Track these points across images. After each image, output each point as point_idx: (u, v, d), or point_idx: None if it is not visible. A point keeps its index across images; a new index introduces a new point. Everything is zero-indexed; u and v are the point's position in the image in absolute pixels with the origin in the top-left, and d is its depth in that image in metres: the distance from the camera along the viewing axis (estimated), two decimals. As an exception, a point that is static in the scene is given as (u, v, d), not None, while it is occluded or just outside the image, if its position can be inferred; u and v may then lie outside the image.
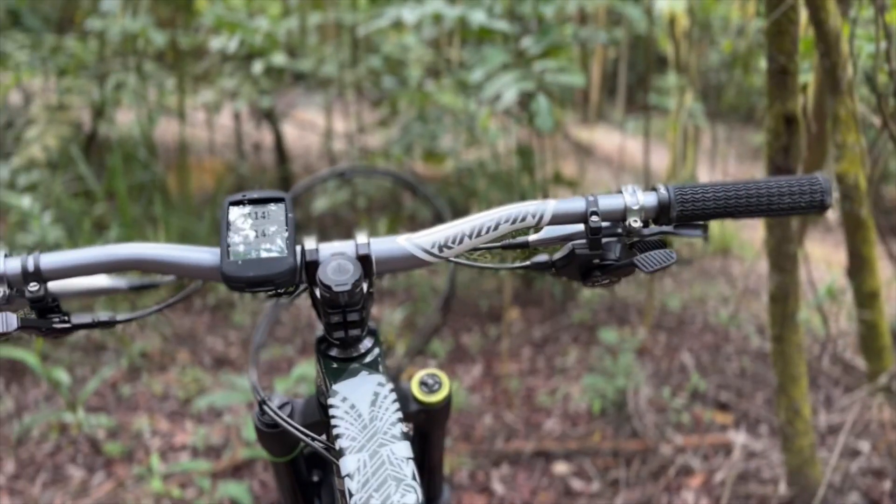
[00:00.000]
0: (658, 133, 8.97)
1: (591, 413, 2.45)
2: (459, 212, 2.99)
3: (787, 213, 0.68)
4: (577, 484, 2.14)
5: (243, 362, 2.92)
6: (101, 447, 2.30)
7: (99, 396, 2.62)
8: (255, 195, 0.67)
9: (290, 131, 6.27)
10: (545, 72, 2.10)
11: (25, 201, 3.46)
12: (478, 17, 2.21)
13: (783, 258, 1.80)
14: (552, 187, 4.31)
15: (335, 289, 0.62)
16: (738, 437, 2.30)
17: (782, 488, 2.02)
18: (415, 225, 4.80)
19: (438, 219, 0.82)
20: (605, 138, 10.86)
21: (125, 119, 5.03)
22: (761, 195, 0.67)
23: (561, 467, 2.20)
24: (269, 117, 5.43)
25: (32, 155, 3.92)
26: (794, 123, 1.67)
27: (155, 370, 2.82)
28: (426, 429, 0.86)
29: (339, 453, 0.62)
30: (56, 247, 3.53)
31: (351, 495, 0.60)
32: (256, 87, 4.42)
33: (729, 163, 7.93)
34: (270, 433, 0.77)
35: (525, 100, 2.46)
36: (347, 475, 0.61)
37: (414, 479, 0.61)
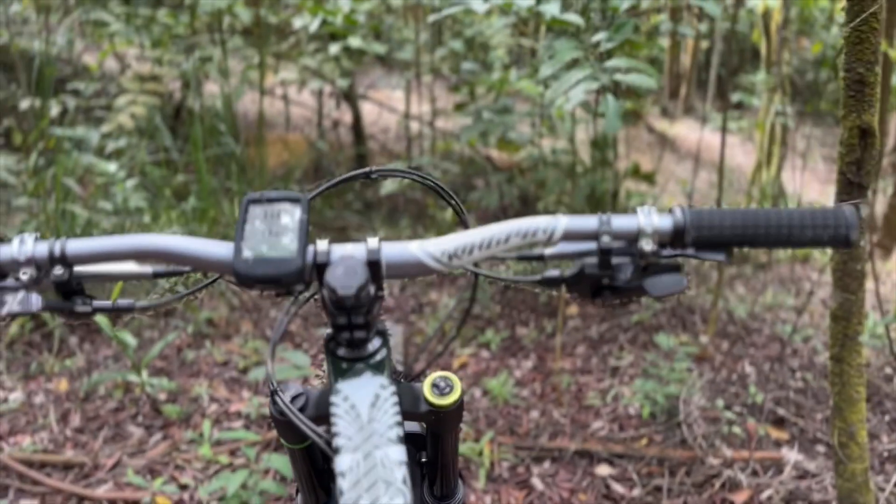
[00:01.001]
0: (747, 130, 8.67)
1: (640, 417, 2.41)
2: (529, 202, 2.99)
3: (809, 246, 0.65)
4: (618, 488, 2.12)
5: (303, 338, 3.00)
6: (161, 408, 2.41)
7: (163, 360, 2.74)
8: (273, 195, 0.69)
9: (369, 110, 6.35)
10: (615, 71, 2.06)
11: (112, 167, 3.63)
12: (551, 9, 2.18)
13: (849, 277, 1.72)
14: (628, 181, 4.24)
15: (340, 292, 0.64)
16: (792, 455, 2.23)
17: (832, 512, 1.95)
18: (483, 213, 4.80)
19: (462, 222, 0.82)
20: (690, 132, 10.57)
21: (211, 91, 5.20)
22: (782, 226, 0.65)
23: (603, 469, 2.18)
24: (348, 97, 5.51)
25: (121, 122, 4.11)
26: (869, 137, 1.59)
27: (219, 338, 2.93)
28: (437, 430, 0.87)
29: (336, 451, 0.64)
30: (137, 212, 3.70)
31: (342, 493, 0.62)
32: (337, 66, 4.50)
33: (818, 166, 7.59)
34: (283, 421, 0.79)
35: (601, 91, 2.43)
36: (340, 474, 0.63)
37: (404, 483, 0.63)
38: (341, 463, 0.63)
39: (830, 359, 1.82)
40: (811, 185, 7.82)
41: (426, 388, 0.83)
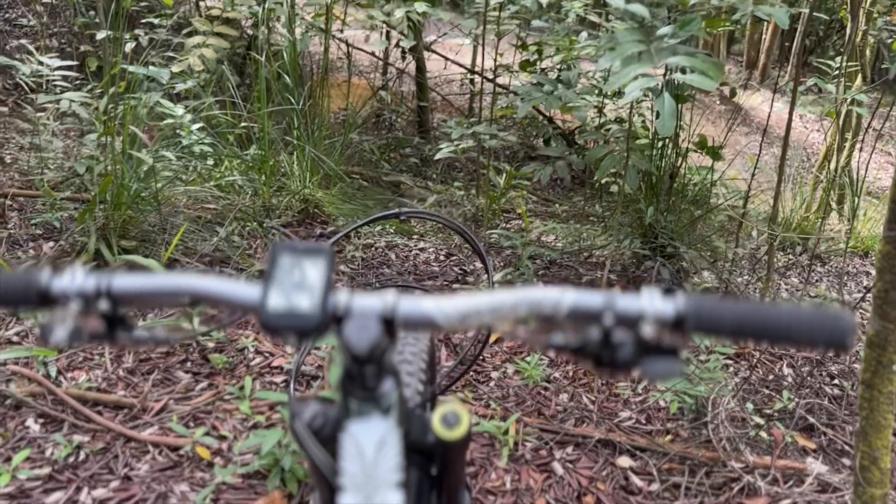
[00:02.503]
0: (826, 108, 8.33)
1: (668, 412, 2.44)
2: (581, 179, 2.99)
3: (805, 345, 0.67)
4: (637, 481, 2.17)
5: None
6: (208, 357, 2.54)
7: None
8: (301, 246, 0.74)
9: (435, 59, 6.31)
10: (675, 70, 2.02)
11: (179, 110, 3.74)
12: (616, 1, 2.15)
13: (889, 305, 1.70)
14: (692, 155, 4.16)
15: (354, 349, 0.69)
16: (816, 466, 2.24)
17: (848, 530, 1.97)
18: (535, 185, 4.78)
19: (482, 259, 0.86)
20: (765, 104, 10.22)
21: (280, 36, 5.24)
22: (780, 324, 0.67)
23: (625, 461, 2.23)
24: (414, 49, 5.49)
25: (191, 63, 4.20)
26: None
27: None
28: (445, 458, 0.93)
29: (340, 488, 0.70)
30: (202, 157, 3.81)
31: (341, 531, 0.68)
32: (404, 21, 4.47)
33: (892, 156, 7.28)
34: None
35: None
36: (341, 512, 0.69)
37: (398, 528, 0.68)
38: (343, 501, 0.69)
39: (861, 383, 1.81)
40: (886, 172, 7.52)
41: (436, 419, 0.88)
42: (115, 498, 1.90)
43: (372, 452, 0.72)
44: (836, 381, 2.76)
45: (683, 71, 2.12)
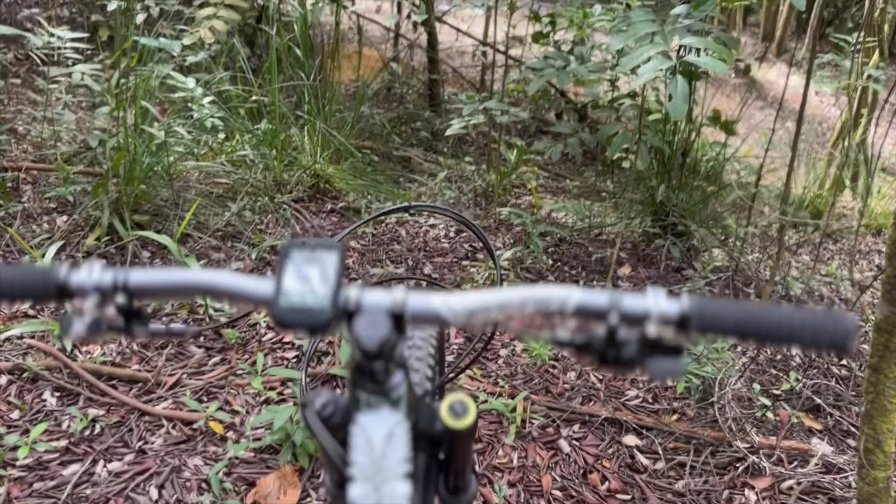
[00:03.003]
0: (842, 83, 8.22)
1: (674, 392, 2.46)
2: (593, 155, 2.98)
3: (806, 347, 0.68)
4: (642, 459, 2.20)
5: (358, 273, 3.11)
6: (221, 332, 2.57)
7: (227, 283, 2.89)
8: (313, 242, 0.75)
9: (447, 30, 6.26)
10: (689, 51, 2.01)
11: (190, 82, 3.74)
12: (630, -22, 2.13)
13: (899, 291, 1.70)
14: (707, 130, 4.13)
15: (364, 344, 0.70)
16: (821, 447, 2.26)
17: (851, 511, 1.99)
18: (546, 163, 4.76)
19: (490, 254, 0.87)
20: (780, 77, 10.07)
21: (290, 5, 5.20)
22: (782, 326, 0.68)
23: (631, 439, 2.26)
24: (425, 21, 5.44)
25: (202, 36, 4.18)
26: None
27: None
28: (452, 446, 0.95)
29: (349, 479, 0.72)
30: (213, 131, 3.82)
31: (350, 520, 0.71)
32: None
33: (909, 132, 7.20)
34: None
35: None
36: (352, 502, 0.71)
37: (406, 518, 0.70)
38: (353, 492, 0.71)
39: (868, 367, 1.82)
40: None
41: (443, 409, 0.90)
42: (130, 471, 1.94)
43: (381, 444, 0.74)
44: (844, 362, 2.77)
45: (697, 52, 2.11)
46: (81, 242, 2.94)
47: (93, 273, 0.74)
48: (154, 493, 1.88)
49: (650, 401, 2.45)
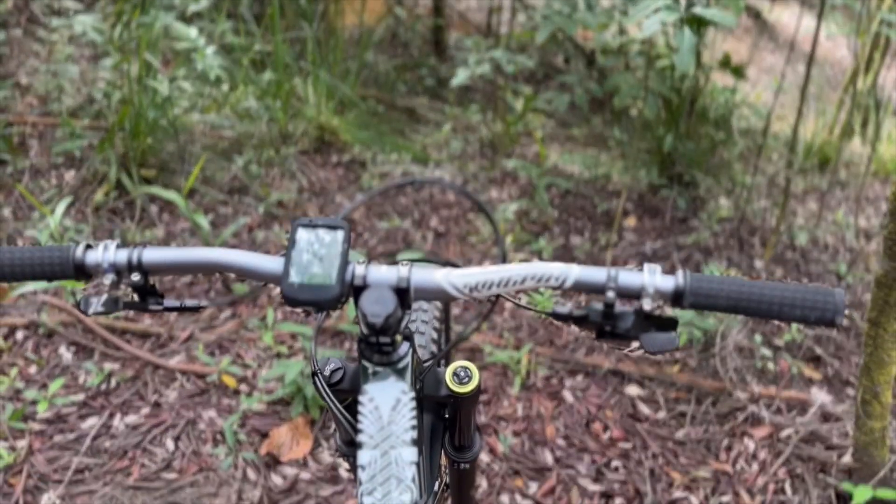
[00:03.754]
0: (854, 28, 8.06)
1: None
2: (600, 105, 2.96)
3: (796, 321, 0.71)
4: (644, 409, 2.25)
5: (364, 227, 3.13)
6: (231, 286, 2.61)
7: (235, 237, 2.93)
8: (319, 221, 0.77)
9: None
10: (696, 2, 1.98)
11: (193, 32, 3.70)
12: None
13: (900, 247, 1.72)
14: (716, 74, 4.08)
15: (370, 319, 0.73)
16: (820, 396, 2.30)
17: (846, 459, 2.04)
18: (552, 114, 4.71)
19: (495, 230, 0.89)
20: (794, 20, 9.86)
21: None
22: (773, 301, 0.70)
23: (633, 390, 2.31)
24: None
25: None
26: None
27: (287, 221, 3.09)
28: (456, 408, 0.99)
29: (359, 445, 0.76)
30: (217, 83, 3.80)
31: (361, 483, 0.74)
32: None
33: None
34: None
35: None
36: (361, 466, 0.75)
37: (413, 481, 0.74)
38: (362, 457, 0.75)
39: (868, 321, 1.85)
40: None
41: (448, 375, 0.93)
42: (147, 423, 2.01)
43: (388, 412, 0.78)
44: (846, 312, 2.80)
45: (706, 2, 2.08)
46: (90, 198, 2.96)
47: (108, 252, 0.77)
48: (170, 444, 1.94)
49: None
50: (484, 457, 2.02)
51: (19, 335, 2.29)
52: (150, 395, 2.11)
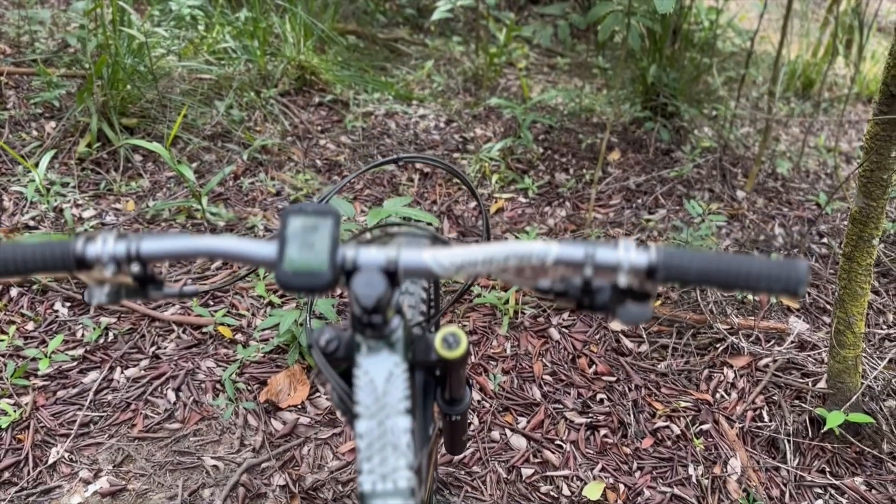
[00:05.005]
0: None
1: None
2: (584, 36, 2.94)
3: (762, 292, 0.75)
4: (627, 343, 2.33)
5: (351, 170, 3.14)
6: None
7: (220, 185, 2.93)
8: (309, 208, 0.80)
9: None
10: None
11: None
12: None
13: (873, 184, 1.77)
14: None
15: (361, 302, 0.77)
16: (797, 325, 2.39)
17: (821, 385, 2.14)
18: (535, 47, 4.65)
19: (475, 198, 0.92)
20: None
21: None
22: (741, 273, 0.74)
23: (616, 325, 2.38)
24: None
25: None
26: (919, 54, 1.56)
27: (272, 166, 3.09)
28: (446, 370, 1.04)
29: (356, 416, 0.81)
30: (192, 24, 3.73)
31: (359, 451, 0.80)
32: None
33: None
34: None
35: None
36: (359, 436, 0.80)
37: (408, 447, 0.80)
38: (359, 427, 0.80)
39: (842, 256, 1.91)
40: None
41: (437, 341, 0.98)
42: (147, 376, 2.07)
43: (382, 384, 0.83)
44: (824, 240, 2.87)
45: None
46: (73, 150, 2.95)
47: (107, 244, 0.80)
48: (171, 395, 2.01)
49: (637, 287, 2.56)
50: (475, 395, 2.10)
51: (13, 292, 2.32)
52: (149, 347, 2.16)
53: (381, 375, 0.83)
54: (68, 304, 2.30)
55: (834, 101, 4.89)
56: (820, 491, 1.90)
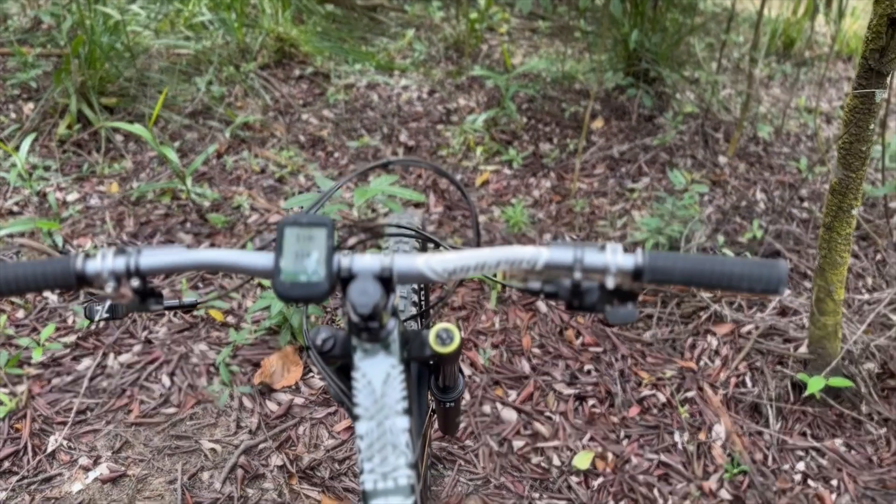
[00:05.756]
0: None
1: (643, 248, 2.60)
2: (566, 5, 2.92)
3: (744, 291, 0.78)
4: (614, 314, 2.37)
5: (334, 146, 3.13)
6: (206, 216, 2.64)
7: (204, 164, 2.92)
8: (304, 220, 0.82)
9: None
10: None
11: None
12: None
13: (852, 156, 1.79)
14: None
15: (359, 310, 0.79)
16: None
17: (802, 350, 2.20)
18: (517, 14, 4.61)
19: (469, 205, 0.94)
20: None
21: None
22: (723, 274, 0.77)
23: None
24: None
25: None
26: (897, 28, 1.58)
27: (255, 143, 3.08)
28: (440, 363, 1.07)
29: (356, 417, 0.84)
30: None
31: (360, 451, 0.83)
32: None
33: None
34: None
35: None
36: (359, 436, 0.83)
37: (407, 446, 0.83)
38: (360, 428, 0.83)
39: (823, 226, 1.95)
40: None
41: (431, 337, 1.01)
42: (141, 361, 2.08)
43: (380, 386, 0.85)
44: (805, 205, 2.91)
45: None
46: (53, 132, 2.92)
47: (107, 260, 0.81)
48: (166, 380, 2.03)
49: (622, 257, 2.59)
50: (465, 370, 2.14)
51: (2, 280, 2.32)
52: (140, 332, 2.18)
53: (379, 378, 0.86)
54: (58, 290, 2.30)
55: (815, 59, 4.90)
56: (802, 453, 1.97)
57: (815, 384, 2.03)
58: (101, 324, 2.20)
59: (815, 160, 3.18)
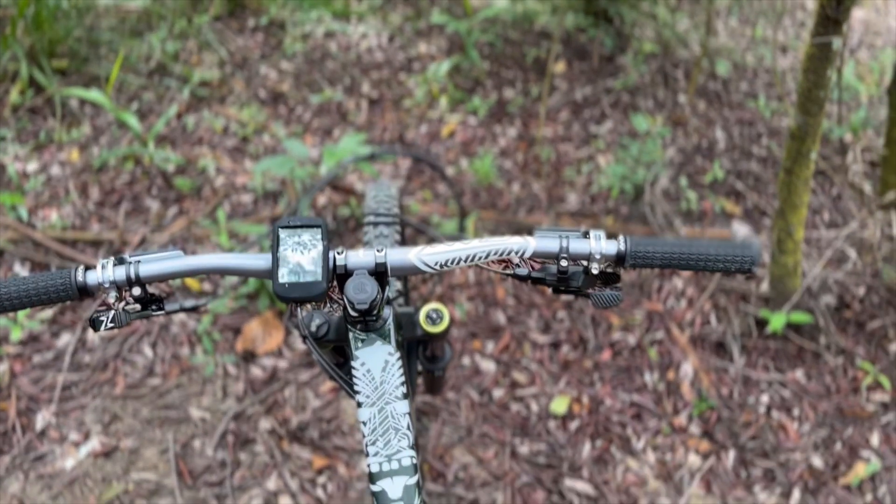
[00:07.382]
0: None
1: (609, 194, 2.65)
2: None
3: (720, 272, 0.84)
4: (584, 260, 2.43)
5: (296, 101, 3.09)
6: (171, 181, 2.61)
7: (165, 126, 2.87)
8: (298, 222, 0.84)
9: None
10: None
11: None
12: None
13: (811, 102, 1.85)
14: None
15: (357, 307, 0.83)
16: (741, 230, 2.52)
17: (764, 287, 2.29)
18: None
19: (453, 192, 0.97)
20: None
21: None
22: (700, 256, 0.82)
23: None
24: None
25: None
26: (854, -21, 1.61)
27: (215, 102, 3.02)
28: (430, 341, 1.12)
29: (358, 404, 0.88)
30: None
31: (364, 436, 0.87)
32: None
33: None
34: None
35: None
36: (362, 422, 0.87)
37: (408, 429, 0.87)
38: (362, 414, 0.88)
39: (782, 170, 2.02)
40: None
41: (422, 317, 1.05)
42: (121, 334, 2.10)
43: (379, 373, 0.89)
44: (763, 141, 2.97)
45: None
46: (5, 99, 2.83)
47: (107, 271, 0.82)
48: (149, 351, 2.05)
49: (588, 203, 2.65)
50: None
51: (-31, 258, 2.29)
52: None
53: (378, 366, 0.90)
54: (27, 264, 2.29)
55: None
56: (765, 386, 2.08)
57: (777, 321, 2.14)
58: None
59: (772, 96, 3.24)
